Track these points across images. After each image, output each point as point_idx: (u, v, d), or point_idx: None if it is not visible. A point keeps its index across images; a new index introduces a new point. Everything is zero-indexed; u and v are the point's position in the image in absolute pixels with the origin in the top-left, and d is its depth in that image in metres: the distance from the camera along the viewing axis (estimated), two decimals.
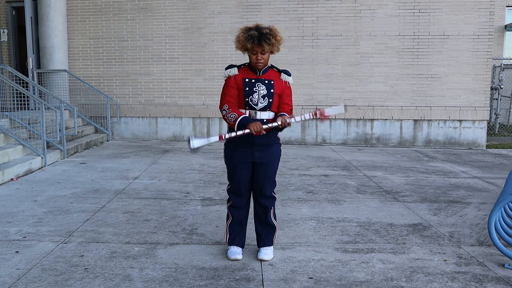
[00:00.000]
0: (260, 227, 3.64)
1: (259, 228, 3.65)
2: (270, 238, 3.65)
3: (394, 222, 4.60)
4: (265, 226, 3.63)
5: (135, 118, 10.37)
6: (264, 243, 3.64)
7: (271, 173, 3.53)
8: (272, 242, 3.68)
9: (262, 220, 3.62)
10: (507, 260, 3.61)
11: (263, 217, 3.61)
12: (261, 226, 3.64)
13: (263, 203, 3.56)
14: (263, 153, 3.46)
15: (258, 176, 3.51)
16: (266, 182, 3.52)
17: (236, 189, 3.57)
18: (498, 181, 6.58)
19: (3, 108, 7.69)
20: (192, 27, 10.05)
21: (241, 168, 3.50)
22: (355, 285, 3.18)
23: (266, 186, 3.53)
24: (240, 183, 3.53)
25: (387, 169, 7.37)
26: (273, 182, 3.59)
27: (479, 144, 9.96)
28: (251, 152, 3.45)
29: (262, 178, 3.51)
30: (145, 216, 4.67)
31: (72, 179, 6.28)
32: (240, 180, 3.53)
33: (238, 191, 3.56)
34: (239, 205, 3.60)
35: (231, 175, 3.59)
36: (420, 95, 9.88)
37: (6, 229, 4.22)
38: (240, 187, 3.54)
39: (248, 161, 3.48)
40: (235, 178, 3.55)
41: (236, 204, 3.60)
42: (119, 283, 3.14)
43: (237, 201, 3.60)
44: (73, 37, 10.26)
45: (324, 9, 9.82)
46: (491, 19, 9.66)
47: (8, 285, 3.09)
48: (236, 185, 3.56)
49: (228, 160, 3.58)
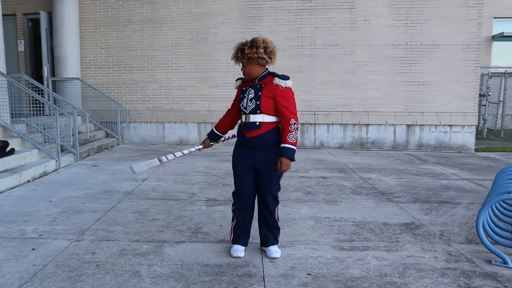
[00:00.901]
0: (265, 228, 3.62)
1: (264, 229, 3.63)
2: (275, 237, 3.66)
3: (388, 222, 4.61)
4: (270, 226, 3.61)
5: (143, 123, 10.40)
6: (271, 242, 3.63)
7: (274, 178, 3.48)
8: (277, 241, 3.69)
9: (266, 221, 3.60)
10: (494, 257, 3.62)
11: (268, 219, 3.59)
12: (266, 227, 3.62)
13: (267, 206, 3.53)
14: (264, 158, 3.42)
15: (262, 181, 3.49)
16: (269, 186, 3.49)
17: (239, 192, 3.57)
18: (486, 182, 6.59)
19: (20, 114, 7.74)
20: (197, 37, 10.08)
21: (244, 172, 3.51)
22: (351, 281, 3.19)
23: (269, 191, 3.50)
24: (242, 186, 3.54)
25: (382, 171, 7.38)
26: (276, 186, 3.53)
27: (468, 148, 9.97)
28: (252, 156, 3.45)
29: (265, 182, 3.48)
30: (153, 216, 4.69)
31: (84, 181, 6.31)
32: (243, 182, 3.53)
33: (241, 194, 3.56)
34: (242, 207, 3.59)
35: (235, 178, 3.60)
36: (412, 101, 9.90)
37: (23, 227, 4.25)
38: (243, 190, 3.54)
39: (251, 165, 3.47)
40: (238, 180, 3.57)
41: (240, 207, 3.59)
42: (129, 279, 3.16)
43: (240, 204, 3.58)
44: (85, 47, 10.31)
45: (322, 20, 9.85)
46: (479, 30, 9.68)
47: (25, 280, 3.12)
48: (239, 187, 3.57)
49: (233, 163, 3.61)
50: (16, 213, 4.71)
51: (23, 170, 6.19)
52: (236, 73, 9.19)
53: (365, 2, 9.76)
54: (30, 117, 7.57)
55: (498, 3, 14.10)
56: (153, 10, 10.10)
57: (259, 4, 9.91)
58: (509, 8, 14.16)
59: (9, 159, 6.30)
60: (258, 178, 3.51)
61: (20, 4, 10.59)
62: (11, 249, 3.70)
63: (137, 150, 9.33)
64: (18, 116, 7.66)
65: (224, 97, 9.97)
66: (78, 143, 7.89)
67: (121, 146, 9.94)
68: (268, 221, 3.60)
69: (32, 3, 10.53)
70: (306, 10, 9.86)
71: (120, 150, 9.40)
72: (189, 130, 10.32)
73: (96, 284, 3.07)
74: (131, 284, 3.08)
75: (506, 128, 13.18)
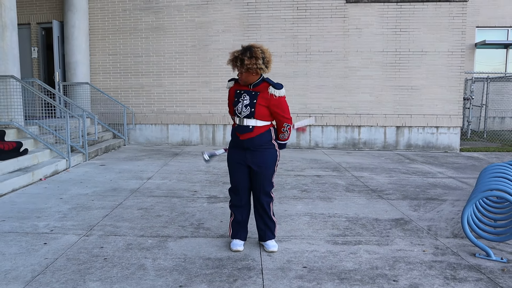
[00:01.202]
0: (262, 224, 3.62)
1: (261, 225, 3.62)
2: (272, 232, 3.65)
3: (379, 217, 4.60)
4: (266, 222, 3.61)
5: (148, 125, 10.37)
6: (268, 237, 3.63)
7: (266, 176, 3.49)
8: (274, 236, 3.67)
9: (262, 217, 3.60)
10: (478, 250, 3.62)
11: (263, 215, 3.59)
12: (262, 223, 3.61)
13: (261, 202, 3.54)
14: (256, 158, 3.44)
15: (255, 179, 3.50)
16: (262, 184, 3.50)
17: (234, 188, 3.58)
18: (470, 180, 6.58)
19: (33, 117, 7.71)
20: (199, 44, 10.06)
21: (238, 168, 3.51)
22: (344, 273, 3.18)
23: (262, 188, 3.50)
24: (237, 183, 3.54)
25: (373, 170, 7.36)
26: (269, 183, 3.53)
27: (454, 148, 9.96)
28: (244, 155, 3.47)
29: (258, 180, 3.49)
30: (157, 212, 4.67)
31: (93, 179, 6.28)
32: (237, 179, 3.54)
33: (236, 190, 3.57)
34: (238, 203, 3.59)
35: (230, 175, 3.61)
36: (401, 104, 9.89)
37: (35, 223, 4.23)
38: (237, 186, 3.55)
39: (243, 162, 3.49)
40: (232, 178, 3.58)
41: (236, 203, 3.60)
42: (135, 272, 3.14)
43: (236, 200, 3.59)
44: (94, 53, 10.28)
45: (316, 28, 9.84)
46: (463, 38, 9.68)
47: (38, 272, 3.10)
48: (234, 184, 3.58)
49: (227, 161, 3.62)
50: (29, 209, 4.69)
51: (36, 169, 6.16)
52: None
53: (357, 12, 9.75)
54: (42, 119, 7.54)
55: (481, 13, 14.14)
56: (158, 19, 10.08)
57: (257, 13, 9.89)
58: (491, 18, 14.21)
59: (23, 158, 6.27)
60: (252, 176, 3.52)
61: (34, 14, 10.58)
62: (25, 243, 3.68)
63: (143, 150, 9.30)
64: (31, 119, 7.63)
65: (225, 101, 9.93)
66: (87, 144, 7.86)
67: (127, 147, 9.92)
68: (264, 217, 3.59)
69: (46, 13, 10.51)
70: (302, 19, 9.84)
71: (127, 150, 9.37)
72: (191, 132, 10.29)
73: (104, 277, 3.05)
74: (137, 277, 3.06)
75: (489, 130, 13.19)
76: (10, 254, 3.44)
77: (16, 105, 6.91)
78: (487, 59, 14.46)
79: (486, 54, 14.48)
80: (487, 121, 13.10)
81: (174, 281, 3.00)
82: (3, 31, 6.73)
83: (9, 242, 3.71)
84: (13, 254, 3.44)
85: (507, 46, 14.43)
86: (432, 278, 3.10)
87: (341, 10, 9.77)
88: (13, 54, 6.93)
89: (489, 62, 14.44)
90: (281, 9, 9.85)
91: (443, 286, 2.99)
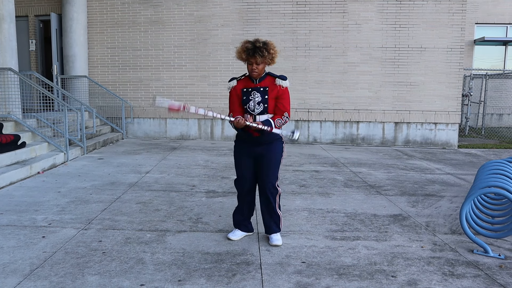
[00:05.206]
0: (267, 217, 3.63)
1: (266, 218, 3.64)
2: (277, 225, 3.66)
3: (377, 213, 4.60)
4: (271, 215, 3.62)
5: (146, 119, 10.34)
6: (273, 230, 3.64)
7: (272, 164, 3.51)
8: (279, 229, 3.69)
9: (268, 210, 3.61)
10: (476, 246, 3.62)
11: (268, 208, 3.60)
12: (268, 216, 3.63)
13: (267, 194, 3.55)
14: (264, 149, 3.50)
15: (262, 168, 3.52)
16: (267, 173, 3.50)
17: (241, 178, 3.62)
18: (468, 177, 6.59)
19: (31, 110, 7.67)
20: (198, 38, 10.02)
21: (244, 159, 3.56)
22: (342, 268, 3.18)
23: (267, 178, 3.51)
24: (243, 172, 3.59)
25: (371, 166, 7.37)
26: (274, 174, 3.54)
27: (452, 144, 9.97)
28: (253, 149, 3.52)
29: (265, 169, 3.50)
30: (156, 206, 4.67)
31: (91, 173, 6.27)
32: (244, 168, 3.58)
33: (241, 180, 3.61)
34: (243, 193, 3.65)
35: (236, 166, 3.64)
36: (400, 100, 9.88)
37: (34, 216, 4.21)
38: (243, 176, 3.59)
39: (251, 154, 3.53)
40: (239, 168, 3.62)
41: (241, 192, 3.66)
42: (133, 266, 3.14)
43: (241, 190, 3.65)
44: (93, 46, 10.22)
45: (316, 23, 9.80)
46: (462, 34, 9.67)
47: (36, 265, 3.09)
48: (240, 174, 3.62)
49: (235, 155, 3.66)
50: (27, 203, 4.67)
51: (34, 163, 6.14)
52: (235, 72, 9.14)
53: (356, 7, 9.72)
54: (40, 113, 7.49)
55: (480, 10, 14.13)
56: (156, 12, 10.02)
57: (256, 8, 9.84)
58: (490, 15, 14.19)
59: (21, 152, 6.25)
60: (258, 168, 3.55)
61: (32, 6, 10.49)
62: (23, 236, 3.67)
63: (141, 144, 9.28)
64: (29, 112, 7.58)
65: (223, 95, 9.92)
66: (85, 137, 7.83)
67: (125, 140, 9.89)
68: (269, 209, 3.61)
69: (44, 5, 10.43)
70: (301, 14, 9.80)
71: (125, 144, 9.34)
72: (189, 126, 10.27)
73: (102, 270, 3.04)
74: (136, 271, 3.05)
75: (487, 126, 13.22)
76: (9, 247, 3.43)
77: (14, 98, 6.87)
78: (486, 56, 14.46)
79: (485, 51, 14.48)
80: (485, 117, 13.12)
81: (173, 275, 3.00)
82: (1, 23, 6.68)
83: (7, 235, 3.70)
84: (12, 247, 3.43)
85: (506, 43, 14.43)
86: (430, 274, 3.11)
87: (341, 5, 9.73)
88: (11, 47, 6.88)
89: (488, 59, 14.44)
90: (280, 3, 9.81)
91: (441, 282, 3.00)
